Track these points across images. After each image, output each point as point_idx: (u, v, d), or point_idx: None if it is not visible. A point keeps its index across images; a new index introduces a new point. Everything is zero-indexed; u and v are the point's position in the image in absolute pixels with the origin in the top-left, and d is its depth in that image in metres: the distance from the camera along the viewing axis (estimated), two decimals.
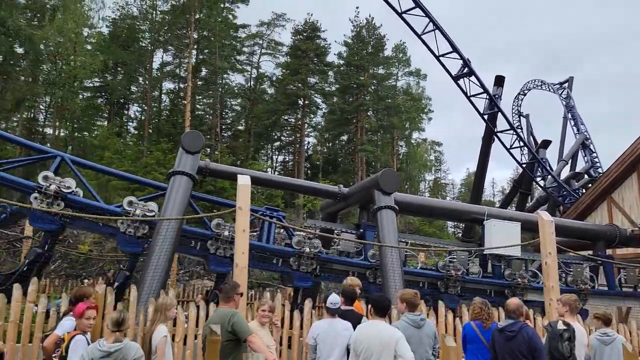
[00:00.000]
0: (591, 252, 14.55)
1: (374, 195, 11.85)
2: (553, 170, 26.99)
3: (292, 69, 46.66)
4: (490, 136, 23.55)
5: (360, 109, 47.24)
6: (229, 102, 48.22)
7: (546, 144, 28.28)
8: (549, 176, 25.64)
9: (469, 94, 22.02)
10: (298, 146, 48.04)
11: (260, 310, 6.00)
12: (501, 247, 11.88)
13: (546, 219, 8.12)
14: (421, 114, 55.50)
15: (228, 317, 5.24)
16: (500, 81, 24.56)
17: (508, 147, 23.43)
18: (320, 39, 48.99)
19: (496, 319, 7.19)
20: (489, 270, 13.27)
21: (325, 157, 52.15)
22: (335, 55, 51.15)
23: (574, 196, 23.73)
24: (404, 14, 20.80)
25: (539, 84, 35.01)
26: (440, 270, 12.30)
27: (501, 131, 23.37)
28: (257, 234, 12.59)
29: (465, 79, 21.85)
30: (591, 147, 29.92)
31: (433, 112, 58.41)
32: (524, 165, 24.96)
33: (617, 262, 14.68)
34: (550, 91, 34.20)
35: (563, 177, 26.98)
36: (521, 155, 25.19)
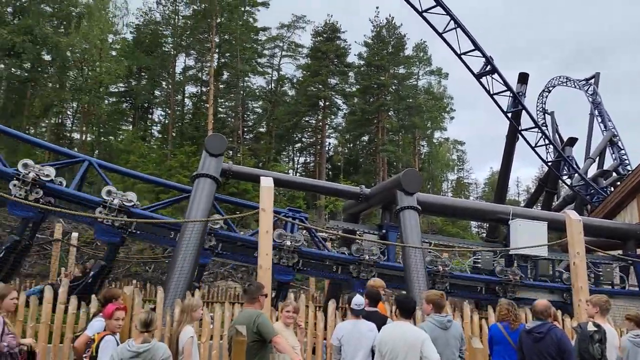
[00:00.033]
0: (621, 251, 14.22)
1: (396, 195, 11.80)
2: (580, 168, 26.40)
3: (312, 70, 46.76)
4: (514, 134, 23.16)
5: (381, 109, 47.06)
6: (251, 105, 48.60)
7: (572, 141, 27.65)
8: (576, 174, 25.08)
9: (492, 92, 21.69)
10: (319, 147, 48.11)
11: (284, 311, 6.03)
12: (527, 247, 11.72)
13: (574, 218, 7.97)
14: (443, 113, 55.01)
15: (253, 318, 5.28)
16: (524, 78, 24.16)
17: (533, 145, 22.98)
18: (340, 40, 49.03)
19: (523, 320, 7.09)
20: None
21: (346, 158, 52.09)
22: (355, 55, 51.17)
23: (602, 194, 23.14)
24: (424, 13, 20.62)
25: (564, 80, 34.27)
26: (428, 266, 12.25)
27: (526, 129, 22.95)
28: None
29: (488, 76, 21.52)
30: (619, 144, 29.14)
31: (455, 111, 57.82)
32: (549, 164, 24.48)
33: None
34: (575, 88, 33.44)
35: (590, 175, 26.33)
36: (547, 153, 24.68)
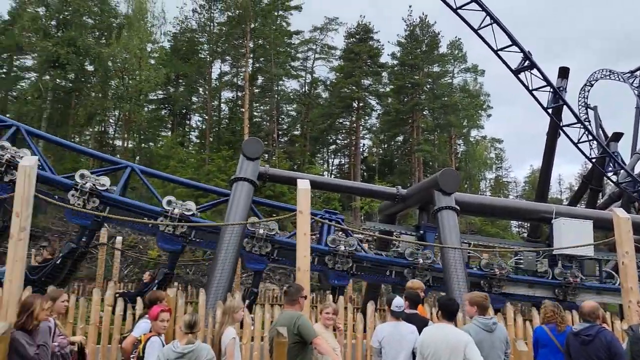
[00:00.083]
0: None
1: (433, 195, 11.69)
2: (626, 164, 25.33)
3: (345, 72, 46.73)
4: (555, 130, 22.47)
5: (415, 108, 46.56)
6: (285, 108, 49.02)
7: (618, 136, 26.55)
8: (622, 171, 24.10)
9: (531, 88, 21.13)
10: (353, 149, 48.00)
11: (324, 312, 6.05)
12: (572, 247, 11.35)
13: (622, 216, 7.65)
14: (479, 111, 53.78)
15: (294, 319, 5.32)
16: (564, 73, 23.37)
17: (575, 141, 22.23)
18: (373, 40, 48.78)
19: (569, 323, 6.88)
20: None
21: (381, 159, 51.79)
22: (388, 55, 50.79)
23: None
24: (459, 10, 20.31)
25: (607, 73, 32.91)
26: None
27: (567, 125, 22.23)
28: (317, 237, 12.75)
29: (527, 72, 20.98)
30: None
31: (492, 108, 56.36)
32: (593, 160, 23.60)
33: None
34: (620, 80, 32.07)
35: (638, 171, 25.27)
36: (590, 149, 23.80)
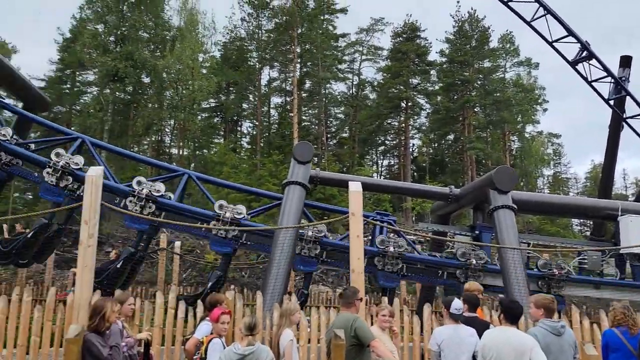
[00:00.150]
0: None
1: (488, 194, 11.39)
2: None
3: (393, 72, 46.34)
4: (618, 123, 21.26)
5: (466, 105, 45.44)
6: (333, 111, 49.22)
7: None
8: None
9: (590, 79, 20.19)
10: (403, 149, 47.48)
11: (380, 315, 6.03)
12: None
13: None
14: (535, 106, 51.69)
15: (350, 322, 5.33)
16: (626, 62, 22.03)
17: None
18: (421, 38, 48.09)
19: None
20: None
21: (431, 158, 50.91)
22: (436, 53, 49.88)
23: None
24: (510, 2, 19.74)
25: None
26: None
27: (632, 117, 20.98)
28: (369, 239, 12.70)
29: (585, 63, 20.08)
30: None
31: (548, 102, 53.89)
32: None
33: None
34: None
35: None
36: None
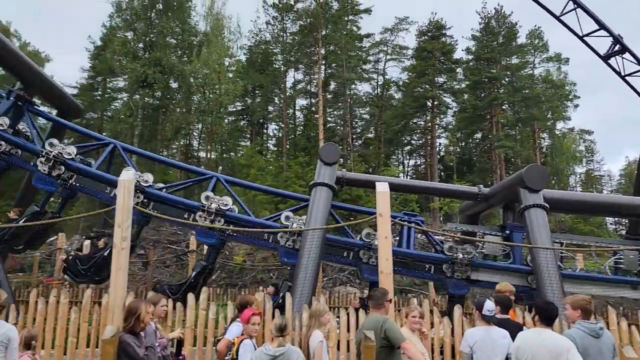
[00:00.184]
0: None
1: (519, 193, 11.18)
2: None
3: (418, 71, 45.99)
4: None
5: (494, 103, 44.72)
6: (358, 112, 49.15)
7: None
8: None
9: (623, 74, 19.59)
10: (429, 148, 47.01)
11: (410, 316, 6.00)
12: None
13: None
14: (565, 102, 50.45)
15: (380, 323, 5.33)
16: None
17: None
18: (446, 36, 47.65)
19: None
20: None
21: (458, 157, 50.26)
22: (463, 51, 49.45)
23: None
24: None
25: None
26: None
27: None
28: (397, 239, 12.62)
29: (618, 57, 19.52)
30: None
31: (579, 98, 52.61)
32: None
33: None
34: None
35: None
36: None
